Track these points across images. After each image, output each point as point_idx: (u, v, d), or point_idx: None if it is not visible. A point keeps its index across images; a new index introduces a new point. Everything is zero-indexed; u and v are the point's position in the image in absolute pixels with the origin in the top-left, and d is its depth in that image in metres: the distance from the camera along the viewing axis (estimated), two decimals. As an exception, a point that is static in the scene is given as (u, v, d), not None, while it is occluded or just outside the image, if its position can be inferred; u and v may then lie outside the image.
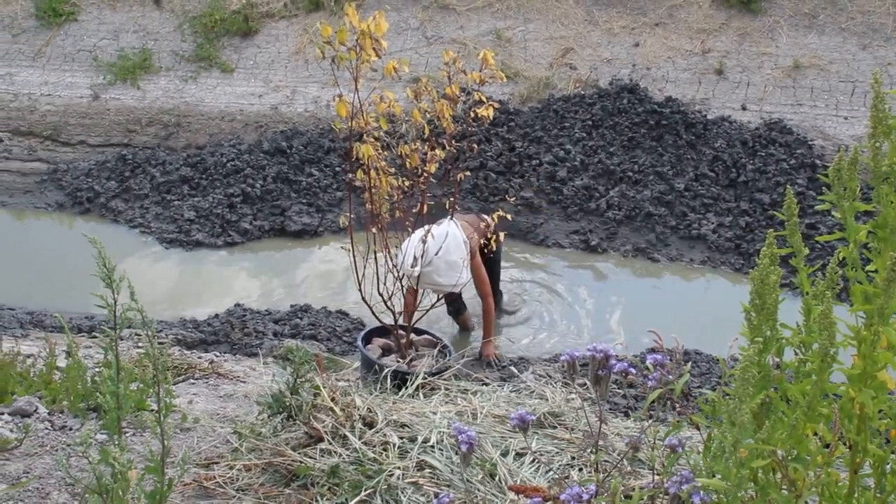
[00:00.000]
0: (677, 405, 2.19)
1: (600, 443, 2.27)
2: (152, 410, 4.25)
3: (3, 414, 3.94)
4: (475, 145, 5.60)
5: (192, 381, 5.10)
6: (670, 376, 2.09)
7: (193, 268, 8.78)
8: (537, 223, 9.00)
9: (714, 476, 1.73)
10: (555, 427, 3.86)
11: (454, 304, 6.49)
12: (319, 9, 12.52)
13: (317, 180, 9.68)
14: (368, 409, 3.54)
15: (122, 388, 2.66)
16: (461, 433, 2.13)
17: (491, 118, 4.76)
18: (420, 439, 3.34)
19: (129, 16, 13.47)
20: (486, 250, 5.68)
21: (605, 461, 3.35)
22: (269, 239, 9.15)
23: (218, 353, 5.93)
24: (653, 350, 2.57)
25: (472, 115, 4.75)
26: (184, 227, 9.29)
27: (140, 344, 6.35)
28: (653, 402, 2.17)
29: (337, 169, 9.74)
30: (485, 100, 4.71)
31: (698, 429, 2.19)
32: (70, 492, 3.21)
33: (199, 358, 5.75)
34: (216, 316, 7.12)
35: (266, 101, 11.26)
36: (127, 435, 3.97)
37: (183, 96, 11.73)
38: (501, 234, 4.71)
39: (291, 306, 7.41)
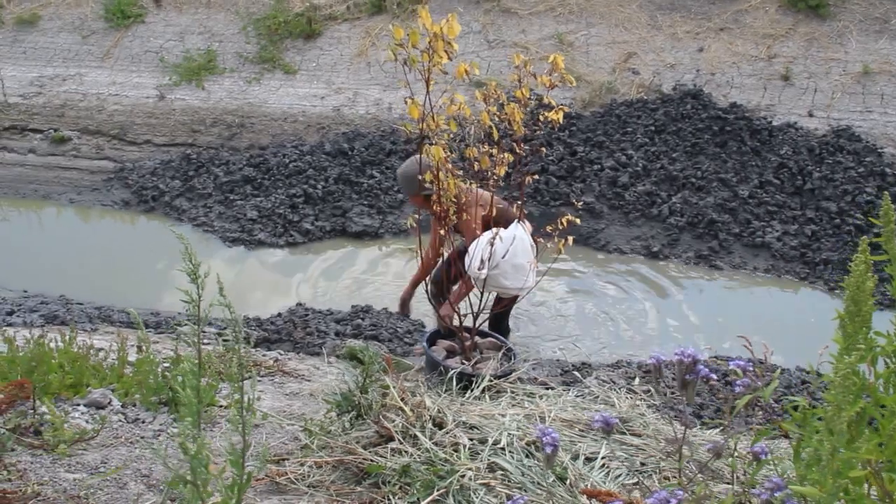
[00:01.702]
0: (761, 413, 2.16)
1: (685, 449, 2.25)
2: (221, 406, 4.34)
3: (79, 405, 4.02)
4: (543, 149, 5.59)
5: (257, 378, 5.16)
6: (758, 383, 2.06)
7: (255, 267, 8.89)
8: (598, 228, 8.95)
9: (807, 484, 1.71)
10: (623, 433, 3.83)
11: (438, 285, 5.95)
12: (381, 12, 12.62)
13: (378, 182, 9.74)
14: (438, 409, 3.55)
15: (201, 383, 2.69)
16: (546, 434, 2.12)
17: (560, 122, 4.74)
18: (490, 441, 3.34)
19: (194, 18, 13.71)
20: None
21: (677, 468, 3.32)
22: (330, 240, 9.22)
23: (282, 352, 5.99)
24: (729, 358, 2.54)
25: (542, 118, 4.74)
26: (246, 226, 9.41)
27: (205, 340, 6.46)
28: (733, 409, 2.15)
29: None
30: (554, 104, 4.70)
31: (786, 436, 2.16)
32: (146, 483, 3.26)
33: (264, 356, 5.81)
34: (279, 315, 7.18)
35: (328, 102, 11.37)
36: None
37: (246, 97, 11.89)
38: (570, 239, 4.68)
39: (353, 307, 7.45)
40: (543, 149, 5.63)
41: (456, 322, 4.91)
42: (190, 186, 10.46)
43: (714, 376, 2.38)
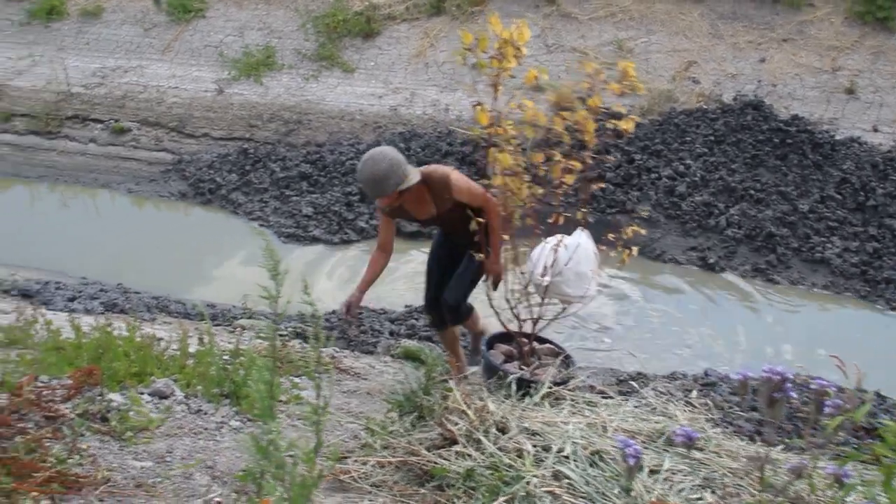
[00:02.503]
0: (843, 435, 2.12)
1: (767, 468, 2.21)
2: (280, 400, 4.37)
3: (143, 394, 4.07)
4: (610, 157, 5.56)
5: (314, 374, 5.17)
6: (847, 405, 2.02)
7: (310, 263, 8.94)
8: (654, 237, 8.88)
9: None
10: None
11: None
12: (441, 13, 12.64)
13: (433, 183, 9.75)
14: (502, 415, 3.53)
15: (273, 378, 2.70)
16: (628, 446, 2.10)
17: (631, 131, 4.70)
18: (555, 449, 3.32)
19: (254, 14, 13.84)
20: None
21: (742, 485, 3.28)
22: (385, 239, 9.24)
23: (337, 349, 6.02)
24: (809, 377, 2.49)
25: (612, 126, 4.70)
26: (301, 222, 9.47)
27: (261, 334, 6.51)
28: (815, 428, 2.11)
29: (454, 173, 9.80)
30: (624, 112, 4.67)
31: (878, 461, 2.11)
32: (210, 474, 3.29)
33: (321, 353, 5.84)
34: (333, 312, 7.22)
35: (385, 102, 11.41)
36: (258, 423, 4.07)
37: (304, 94, 11.97)
38: (635, 249, 4.64)
39: (406, 307, 7.47)
40: (610, 157, 5.58)
41: (515, 327, 4.89)
42: (246, 181, 10.57)
43: (795, 395, 2.34)
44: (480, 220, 4.79)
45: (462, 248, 5.23)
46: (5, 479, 2.59)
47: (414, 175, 4.87)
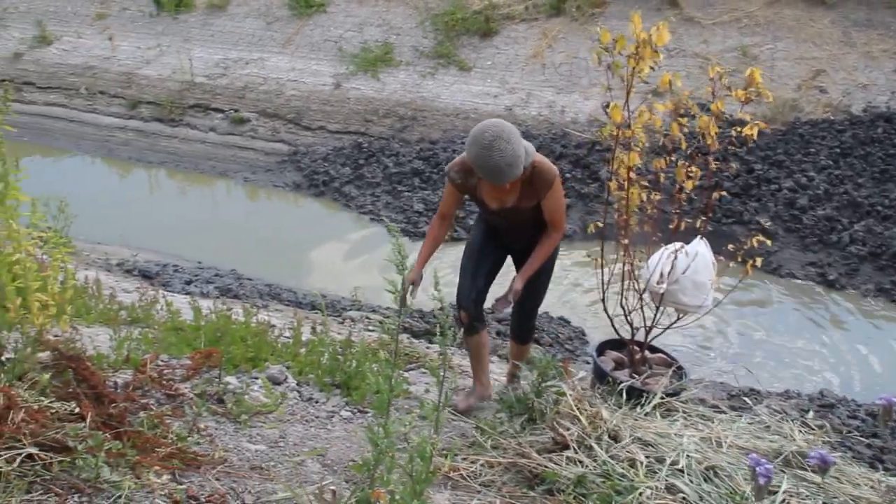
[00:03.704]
0: None
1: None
2: (409, 396, 4.39)
3: (257, 379, 4.14)
4: (733, 165, 5.40)
5: (423, 370, 5.20)
6: None
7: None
8: (772, 251, 8.59)
9: None
10: (803, 468, 3.64)
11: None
12: (560, 14, 12.55)
13: (546, 184, 9.66)
14: (615, 422, 3.47)
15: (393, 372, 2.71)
16: (759, 465, 2.02)
17: (755, 138, 4.56)
18: (668, 461, 3.24)
19: (374, 10, 14.00)
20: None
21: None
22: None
23: (440, 345, 6.01)
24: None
25: (735, 133, 4.57)
26: (412, 218, 9.53)
27: (370, 327, 6.57)
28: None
29: (567, 175, 9.69)
30: (749, 119, 4.53)
31: None
32: (321, 462, 3.32)
33: (427, 348, 5.86)
34: (441, 308, 7.21)
35: (500, 101, 11.39)
36: (367, 415, 4.10)
37: (420, 91, 12.06)
38: (758, 261, 4.49)
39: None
40: (733, 165, 5.42)
41: (627, 334, 4.80)
42: (359, 174, 10.70)
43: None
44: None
45: (514, 249, 4.59)
46: (131, 452, 2.66)
47: (531, 150, 4.08)
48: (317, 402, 4.09)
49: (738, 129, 4.55)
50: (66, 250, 3.70)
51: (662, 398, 4.19)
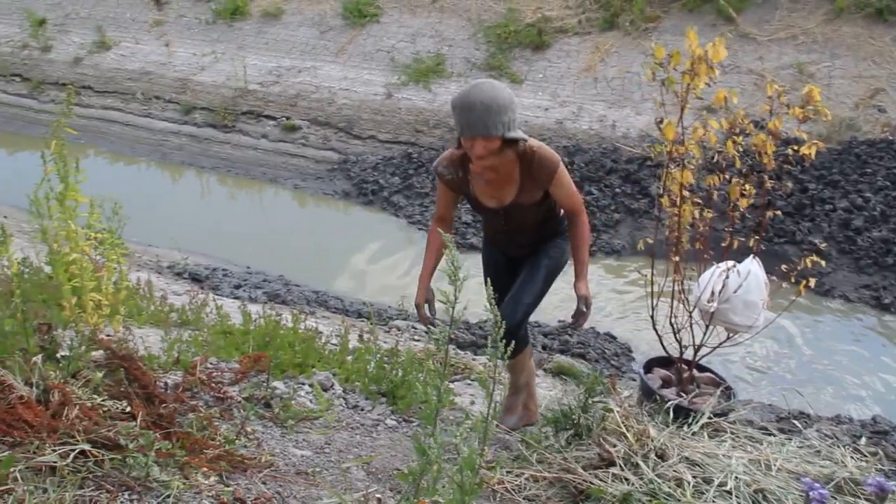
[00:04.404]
0: None
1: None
2: (454, 406, 4.39)
3: (304, 384, 4.17)
4: (789, 184, 5.32)
5: (468, 381, 5.19)
6: None
7: (466, 270, 8.98)
8: (825, 272, 8.45)
9: None
10: (856, 496, 3.57)
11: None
12: (613, 28, 12.49)
13: (595, 199, 9.62)
14: (662, 441, 3.43)
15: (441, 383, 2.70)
16: (812, 489, 1.99)
17: (812, 157, 4.49)
18: (716, 482, 3.19)
19: (427, 21, 14.06)
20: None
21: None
22: (541, 251, 9.17)
23: (489, 359, 6.00)
24: None
25: (792, 152, 4.51)
26: (460, 229, 9.54)
27: (415, 337, 6.59)
28: None
29: (617, 190, 9.64)
30: (805, 137, 4.46)
31: None
32: (366, 469, 3.33)
33: (473, 359, 5.86)
34: (487, 321, 7.20)
35: (551, 115, 11.36)
36: (412, 424, 4.11)
37: (471, 102, 12.04)
38: (811, 281, 4.42)
39: (559, 321, 7.39)
40: (788, 184, 5.34)
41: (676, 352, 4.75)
42: (409, 184, 10.73)
43: None
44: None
45: (521, 258, 4.17)
46: (180, 453, 2.69)
47: (522, 133, 3.64)
48: (362, 409, 4.10)
49: (795, 147, 4.49)
50: (120, 252, 3.77)
51: (710, 418, 4.14)
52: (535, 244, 4.12)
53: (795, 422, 5.31)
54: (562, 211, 4.06)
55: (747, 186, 4.52)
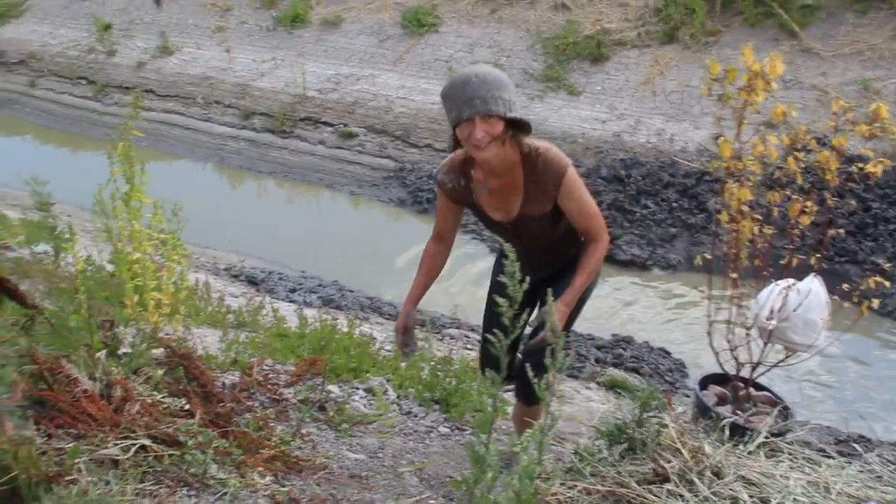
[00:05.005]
0: None
1: None
2: (506, 416, 4.38)
3: (357, 389, 4.19)
4: (852, 202, 5.23)
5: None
6: None
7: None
8: (888, 293, 8.26)
9: None
10: (920, 524, 3.49)
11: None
12: (673, 41, 12.38)
13: (652, 213, 9.54)
14: (718, 458, 3.38)
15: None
16: None
17: (879, 176, 4.41)
18: (774, 502, 3.15)
19: (485, 31, 14.08)
20: None
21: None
22: (595, 264, 9.08)
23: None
24: None
25: (857, 169, 4.43)
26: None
27: (468, 346, 6.59)
28: None
29: (674, 204, 9.54)
30: (872, 155, 4.38)
31: None
32: (419, 476, 3.34)
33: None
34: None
35: (609, 127, 11.28)
36: (465, 432, 4.11)
37: (528, 114, 11.88)
38: (875, 302, 4.33)
39: (613, 335, 7.34)
40: (851, 202, 5.25)
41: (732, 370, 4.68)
42: (463, 194, 10.73)
43: None
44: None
45: (542, 280, 3.48)
46: (236, 451, 2.72)
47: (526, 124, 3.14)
48: (415, 416, 4.12)
49: (860, 165, 4.42)
50: (181, 253, 3.83)
51: (767, 437, 4.07)
52: (557, 265, 3.54)
53: (855, 445, 5.20)
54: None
55: (808, 204, 4.46)
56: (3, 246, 6.18)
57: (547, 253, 3.47)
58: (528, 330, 3.31)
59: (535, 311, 3.52)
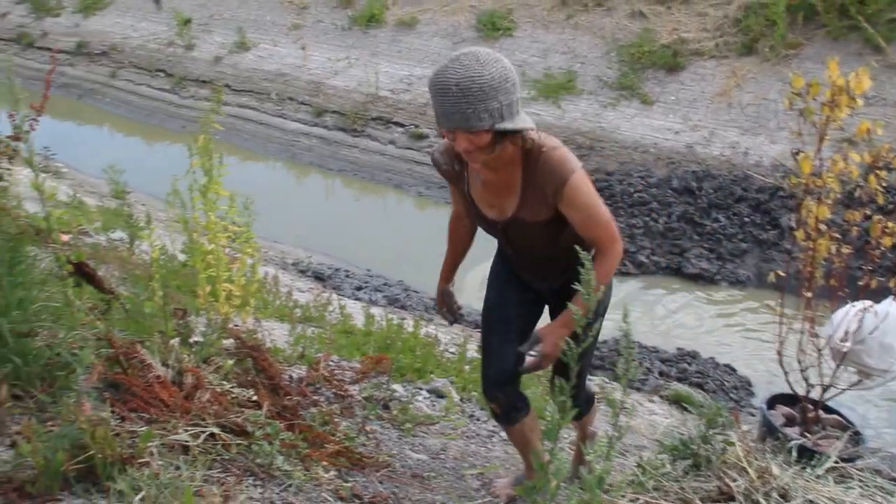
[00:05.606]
0: None
1: None
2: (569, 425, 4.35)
3: (421, 390, 4.20)
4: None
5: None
6: None
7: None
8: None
9: None
10: None
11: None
12: (752, 53, 12.17)
13: (722, 227, 9.38)
14: (786, 480, 3.31)
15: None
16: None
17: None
18: (842, 529, 3.07)
19: (560, 37, 14.01)
20: None
21: None
22: (663, 276, 9.00)
23: (606, 380, 5.94)
24: None
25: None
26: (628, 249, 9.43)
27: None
28: None
29: (745, 219, 9.37)
30: (957, 175, 4.26)
31: None
32: (481, 480, 3.33)
33: (589, 379, 5.79)
34: (604, 342, 7.13)
35: (681, 138, 11.13)
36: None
37: (600, 121, 11.96)
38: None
39: (678, 349, 7.24)
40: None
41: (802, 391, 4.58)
42: (531, 199, 10.70)
43: None
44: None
45: (547, 291, 3.19)
46: (302, 445, 2.75)
47: (527, 120, 2.69)
48: (478, 419, 4.11)
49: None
50: (253, 246, 3.88)
51: (836, 462, 3.98)
52: (559, 279, 3.04)
53: (925, 474, 5.03)
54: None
55: (890, 224, 4.34)
56: (82, 232, 6.35)
57: (544, 265, 3.06)
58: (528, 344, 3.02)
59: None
